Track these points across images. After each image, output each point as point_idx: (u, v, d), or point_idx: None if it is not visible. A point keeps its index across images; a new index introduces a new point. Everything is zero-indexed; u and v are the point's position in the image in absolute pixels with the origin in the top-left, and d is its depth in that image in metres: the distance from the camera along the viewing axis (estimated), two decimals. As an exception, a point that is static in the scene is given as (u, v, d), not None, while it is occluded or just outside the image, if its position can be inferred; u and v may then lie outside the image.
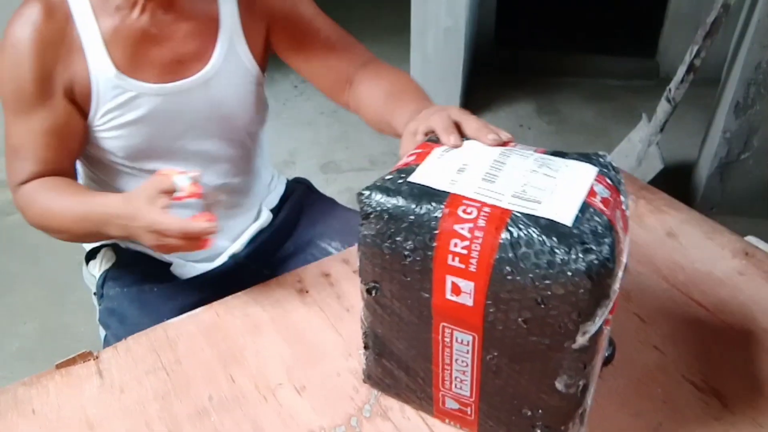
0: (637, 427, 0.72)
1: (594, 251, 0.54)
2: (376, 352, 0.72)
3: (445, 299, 0.61)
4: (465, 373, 0.65)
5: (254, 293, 0.91)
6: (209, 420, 0.74)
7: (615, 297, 0.59)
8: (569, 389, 0.61)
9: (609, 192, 0.60)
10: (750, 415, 0.73)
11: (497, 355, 0.62)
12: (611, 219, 0.57)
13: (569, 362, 0.59)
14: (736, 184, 2.27)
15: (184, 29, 0.93)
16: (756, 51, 2.01)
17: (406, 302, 0.65)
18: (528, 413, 0.64)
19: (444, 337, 0.64)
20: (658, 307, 0.87)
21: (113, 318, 1.00)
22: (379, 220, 0.61)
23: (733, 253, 0.96)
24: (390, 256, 0.62)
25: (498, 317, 0.59)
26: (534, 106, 3.03)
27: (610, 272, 0.54)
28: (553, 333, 0.58)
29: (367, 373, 0.76)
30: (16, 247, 2.21)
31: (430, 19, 2.61)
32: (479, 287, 0.58)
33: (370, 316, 0.70)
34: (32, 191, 0.92)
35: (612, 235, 0.55)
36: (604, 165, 0.63)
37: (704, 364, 0.79)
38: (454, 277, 0.59)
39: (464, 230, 0.57)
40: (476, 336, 0.62)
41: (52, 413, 0.75)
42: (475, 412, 0.68)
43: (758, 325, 0.84)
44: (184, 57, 0.94)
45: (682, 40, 2.75)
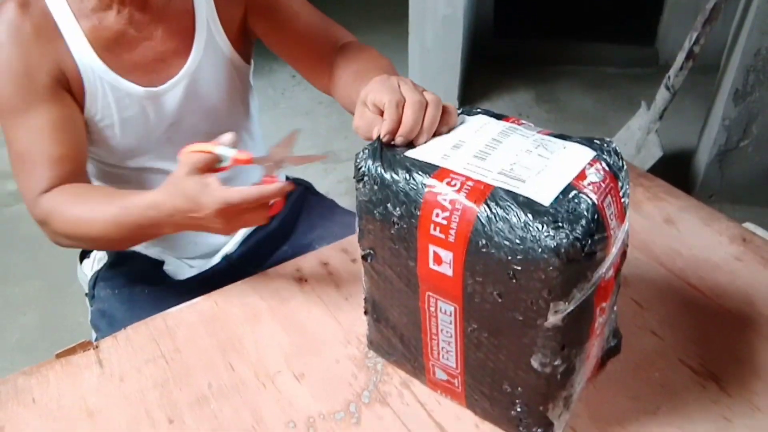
0: (635, 411, 0.72)
1: (564, 229, 0.54)
2: (374, 318, 0.75)
3: (429, 268, 0.62)
4: (450, 344, 0.67)
5: (253, 283, 0.91)
6: (209, 407, 0.74)
7: (600, 282, 0.59)
8: (545, 368, 0.61)
9: (602, 177, 0.60)
10: (747, 398, 0.73)
11: (477, 327, 0.63)
12: (598, 204, 0.57)
13: (543, 340, 0.60)
14: (735, 172, 2.27)
15: (162, 28, 0.92)
16: (755, 38, 2.00)
17: (397, 270, 0.66)
18: (508, 389, 0.66)
19: (429, 306, 0.66)
20: (656, 293, 0.87)
21: (103, 320, 1.00)
22: (373, 184, 0.63)
23: (731, 239, 0.96)
24: (381, 223, 0.64)
25: (476, 289, 0.60)
26: (533, 95, 3.02)
27: (581, 253, 0.55)
28: (525, 309, 0.59)
29: (369, 338, 0.78)
30: (16, 238, 2.21)
31: (429, 7, 2.60)
32: (457, 258, 0.59)
33: (368, 282, 0.72)
34: (55, 201, 0.85)
35: (591, 218, 0.55)
36: (606, 151, 0.63)
37: (702, 348, 0.79)
38: (436, 246, 0.60)
39: (446, 201, 0.59)
40: (457, 307, 0.63)
41: (52, 402, 0.75)
42: (461, 384, 0.70)
43: (755, 310, 0.84)
44: (165, 55, 0.94)
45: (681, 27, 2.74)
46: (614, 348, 0.77)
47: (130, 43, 0.91)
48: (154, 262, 1.07)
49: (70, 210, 0.84)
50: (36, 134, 0.86)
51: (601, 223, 0.56)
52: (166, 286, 1.04)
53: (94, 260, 1.08)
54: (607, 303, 0.64)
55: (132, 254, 1.06)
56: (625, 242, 0.64)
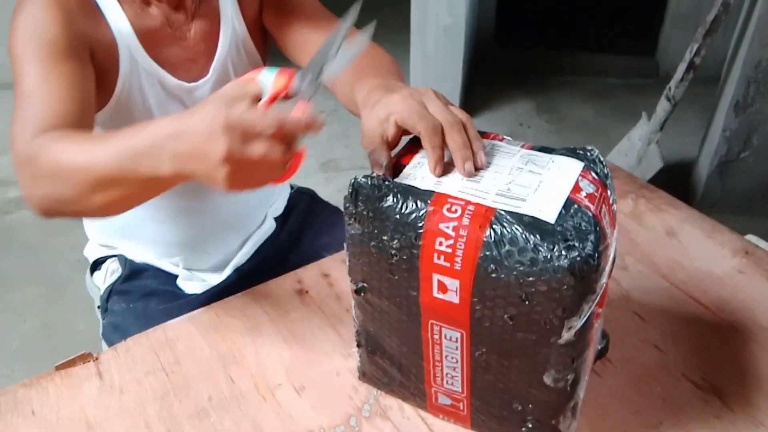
0: (637, 425, 0.72)
1: (576, 248, 0.54)
2: (368, 350, 0.73)
3: (433, 297, 0.61)
4: (455, 369, 0.66)
5: (254, 294, 0.91)
6: (209, 420, 0.73)
7: (602, 291, 0.59)
8: (558, 383, 0.61)
9: (595, 187, 0.60)
10: (750, 413, 0.73)
11: (485, 351, 0.62)
12: (596, 215, 0.57)
13: (556, 357, 0.59)
14: (736, 183, 2.27)
15: (194, 29, 0.93)
16: (756, 49, 2.01)
17: (395, 300, 0.65)
18: (518, 408, 0.65)
19: (433, 334, 0.64)
20: (658, 306, 0.87)
21: (117, 334, 0.99)
22: (365, 219, 0.61)
23: (733, 251, 0.96)
24: (377, 255, 0.63)
25: (485, 314, 0.59)
26: (534, 105, 3.02)
27: (593, 268, 0.55)
28: (539, 329, 0.58)
29: (362, 370, 0.76)
30: (16, 245, 2.21)
31: (430, 17, 2.61)
32: (464, 285, 0.58)
33: (361, 314, 0.70)
34: (47, 138, 0.71)
35: (596, 231, 0.56)
36: (591, 160, 0.63)
37: (704, 362, 0.79)
38: (440, 275, 0.59)
39: (449, 229, 0.57)
40: (464, 333, 0.62)
41: (52, 414, 0.75)
42: (467, 408, 0.69)
43: (758, 323, 0.84)
44: (197, 55, 0.94)
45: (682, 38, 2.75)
46: (603, 350, 0.77)
47: (166, 41, 0.91)
48: (167, 276, 1.07)
49: (61, 147, 0.69)
50: (51, 82, 0.77)
51: (601, 234, 0.56)
52: (180, 302, 1.03)
53: (106, 273, 1.08)
54: (602, 309, 0.65)
55: (146, 267, 1.06)
56: (616, 248, 0.64)
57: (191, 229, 1.05)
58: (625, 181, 1.12)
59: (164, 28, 0.90)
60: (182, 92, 0.94)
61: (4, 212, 2.35)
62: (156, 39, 0.90)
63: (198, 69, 0.95)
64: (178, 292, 1.06)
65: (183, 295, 1.05)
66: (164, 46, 0.91)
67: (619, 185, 1.11)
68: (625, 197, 1.08)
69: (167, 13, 0.90)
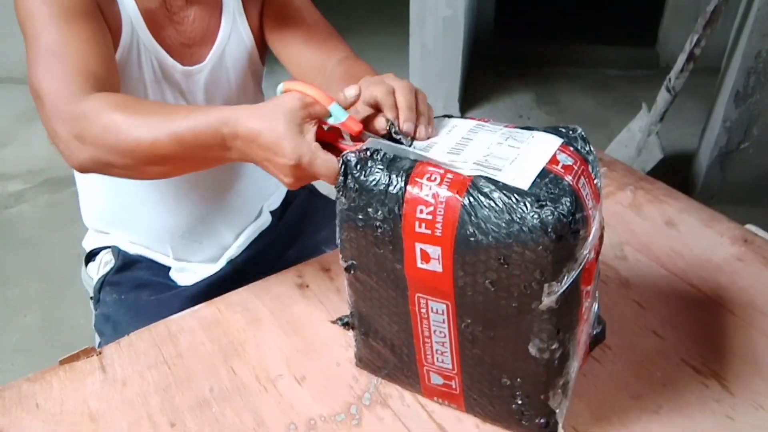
0: (637, 410, 0.72)
1: (549, 206, 0.56)
2: (362, 332, 0.74)
3: (417, 268, 0.62)
4: (444, 345, 0.67)
5: (255, 289, 0.91)
6: (210, 411, 0.74)
7: (585, 262, 0.60)
8: (543, 354, 0.62)
9: (573, 160, 0.61)
10: (750, 396, 0.73)
11: (471, 322, 0.63)
12: (572, 184, 0.58)
13: (539, 324, 0.60)
14: (736, 174, 2.27)
15: (193, 13, 0.94)
16: (756, 40, 2.01)
17: (382, 275, 0.66)
18: (507, 382, 0.66)
19: (420, 308, 0.65)
20: (657, 294, 0.88)
21: (108, 325, 1.00)
22: (352, 193, 0.63)
23: (732, 240, 0.96)
24: (363, 230, 0.64)
25: (467, 281, 0.60)
26: (533, 97, 3.02)
27: (568, 228, 0.56)
28: (519, 294, 0.59)
29: (358, 356, 0.77)
30: (16, 240, 2.22)
31: (429, 9, 2.61)
32: (446, 251, 0.60)
33: (353, 294, 0.72)
34: (97, 101, 0.71)
35: (570, 196, 0.57)
36: (572, 137, 0.64)
37: (703, 347, 0.79)
38: (422, 243, 0.61)
39: (428, 196, 0.59)
40: (449, 303, 0.63)
41: (56, 407, 0.76)
42: (459, 385, 0.70)
43: (757, 309, 0.85)
44: (193, 41, 0.94)
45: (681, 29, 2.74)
46: (600, 335, 0.78)
47: (163, 22, 0.91)
48: (160, 267, 1.07)
49: (120, 114, 0.69)
50: (75, 41, 0.75)
51: (579, 202, 0.58)
52: (172, 293, 1.04)
53: (100, 264, 1.08)
54: (591, 286, 0.65)
55: (139, 259, 1.06)
56: (602, 225, 0.65)
57: (181, 215, 1.04)
58: (624, 173, 1.12)
59: (162, 9, 0.90)
60: (177, 74, 0.94)
61: (4, 207, 2.36)
62: (155, 18, 0.90)
63: (193, 55, 0.95)
64: (170, 283, 1.06)
65: (175, 286, 1.05)
66: (162, 26, 0.91)
67: (618, 177, 1.11)
68: (624, 189, 1.08)
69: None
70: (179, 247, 1.07)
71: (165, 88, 0.94)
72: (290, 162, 0.63)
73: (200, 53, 0.95)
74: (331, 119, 0.66)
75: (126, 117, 0.69)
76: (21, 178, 2.56)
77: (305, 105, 0.64)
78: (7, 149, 2.77)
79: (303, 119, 0.64)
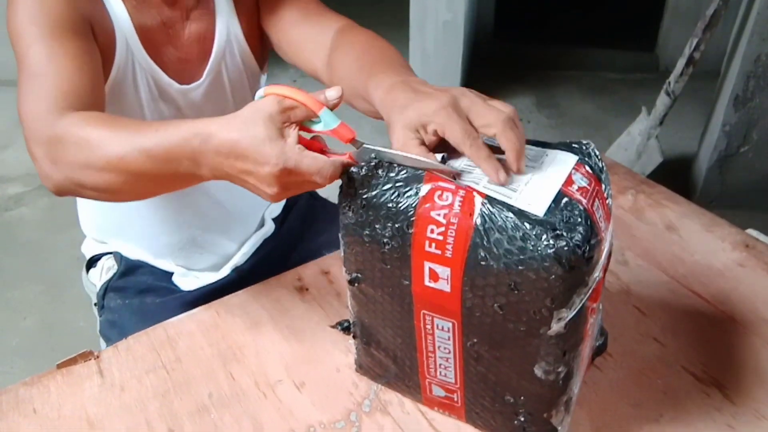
0: (637, 418, 0.72)
1: (564, 237, 0.54)
2: (364, 341, 0.73)
3: (424, 286, 0.61)
4: (448, 360, 0.66)
5: (254, 292, 0.91)
6: (209, 417, 0.74)
7: (595, 285, 0.59)
8: (548, 376, 0.61)
9: (588, 181, 0.60)
10: (751, 405, 0.73)
11: (477, 341, 0.63)
12: (587, 208, 0.57)
13: (546, 349, 0.59)
14: (735, 178, 2.27)
15: (189, 30, 0.92)
16: (756, 44, 2.01)
17: (388, 290, 0.65)
18: (511, 400, 0.65)
19: (425, 324, 0.65)
20: (658, 300, 0.87)
21: (114, 330, 0.99)
22: (358, 208, 0.62)
23: (733, 245, 0.96)
24: (370, 245, 0.63)
25: (475, 303, 0.60)
26: (533, 100, 3.02)
27: (582, 259, 0.55)
28: (528, 319, 0.58)
29: (358, 362, 0.77)
30: (16, 243, 2.21)
31: (430, 13, 2.61)
32: (455, 273, 0.59)
33: (356, 305, 0.71)
34: (72, 120, 0.69)
35: (586, 223, 0.56)
36: (586, 153, 0.63)
37: (705, 355, 0.79)
38: (431, 263, 0.59)
39: (440, 216, 0.58)
40: (456, 323, 0.62)
41: (53, 412, 0.75)
42: (461, 399, 0.69)
43: (759, 316, 0.84)
44: (190, 56, 0.93)
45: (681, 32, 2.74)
46: (601, 346, 0.77)
47: (160, 38, 0.90)
48: (163, 273, 1.06)
49: (91, 130, 0.67)
50: (59, 59, 0.74)
51: (593, 227, 0.56)
52: (177, 298, 1.03)
53: (102, 269, 1.08)
54: (597, 304, 0.65)
55: (141, 264, 1.06)
56: (611, 242, 0.64)
57: (179, 231, 1.04)
58: (625, 177, 1.12)
59: (159, 26, 0.89)
60: (174, 93, 0.93)
61: (4, 209, 2.35)
62: (151, 35, 0.89)
63: (190, 70, 0.94)
64: (174, 288, 1.06)
65: (179, 290, 1.05)
66: (159, 43, 0.90)
67: (619, 181, 1.11)
68: (624, 193, 1.08)
69: (163, 9, 0.89)
70: (180, 258, 1.07)
71: (162, 106, 0.93)
72: (275, 168, 0.58)
73: (197, 69, 0.94)
74: (320, 126, 0.61)
75: (98, 133, 0.67)
76: (21, 181, 2.56)
77: (284, 108, 0.59)
78: (6, 152, 2.76)
79: (283, 123, 0.59)
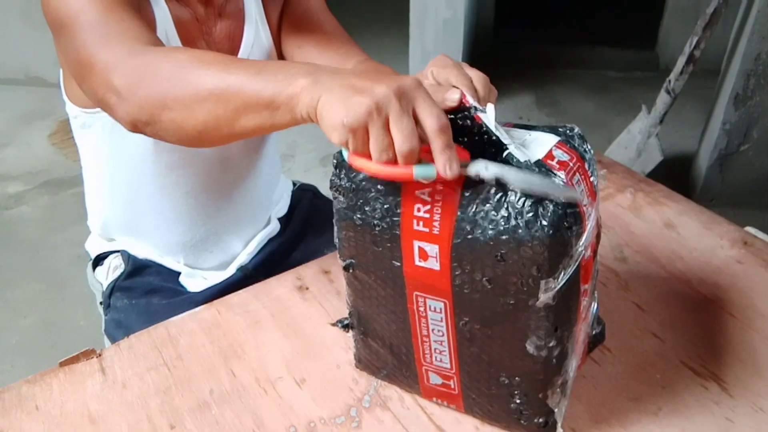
0: (636, 412, 0.72)
1: (547, 204, 0.55)
2: (361, 332, 0.74)
3: (415, 266, 0.62)
4: (442, 344, 0.67)
5: (255, 291, 0.91)
6: (210, 413, 0.74)
7: (581, 259, 0.60)
8: (540, 352, 0.62)
9: (569, 156, 0.61)
10: (749, 399, 0.73)
11: (469, 320, 0.63)
12: (567, 179, 0.58)
13: (536, 322, 0.60)
14: (735, 176, 2.27)
15: (220, 26, 0.94)
16: (756, 42, 2.01)
17: (381, 274, 0.66)
18: (506, 381, 0.66)
19: (418, 306, 0.66)
20: (657, 296, 0.88)
21: (120, 330, 1.00)
22: (348, 192, 0.63)
23: (732, 242, 0.96)
24: (361, 228, 0.64)
25: (464, 279, 0.61)
26: (533, 98, 3.03)
27: (562, 223, 0.56)
28: (516, 291, 0.59)
29: (357, 356, 0.77)
30: (16, 241, 2.22)
31: (430, 10, 2.61)
32: (443, 250, 0.60)
33: (352, 293, 0.72)
34: (161, 51, 0.67)
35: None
36: (570, 136, 0.64)
37: (703, 349, 0.79)
38: (420, 241, 0.61)
39: (425, 195, 0.59)
40: (447, 302, 0.63)
41: (56, 409, 0.76)
42: (458, 385, 0.70)
43: (757, 311, 0.85)
44: (220, 52, 0.94)
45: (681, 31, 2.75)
46: (599, 335, 0.77)
47: (194, 34, 0.91)
48: (170, 273, 1.07)
49: (180, 54, 0.65)
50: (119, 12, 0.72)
51: (573, 199, 0.57)
52: (183, 298, 1.04)
53: (109, 268, 1.08)
54: (589, 285, 0.65)
55: (149, 264, 1.06)
56: (599, 223, 0.65)
57: (192, 229, 1.05)
58: (624, 175, 1.13)
59: (193, 21, 0.91)
60: None
61: (4, 208, 2.36)
62: (187, 29, 0.91)
63: None
64: (181, 289, 1.06)
65: (186, 292, 1.06)
66: (193, 38, 0.92)
67: (618, 179, 1.11)
68: (623, 191, 1.08)
69: (196, 6, 0.91)
70: (190, 256, 1.07)
71: None
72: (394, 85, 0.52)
73: None
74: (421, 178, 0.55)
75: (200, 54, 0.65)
76: (21, 179, 2.56)
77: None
78: (6, 150, 2.77)
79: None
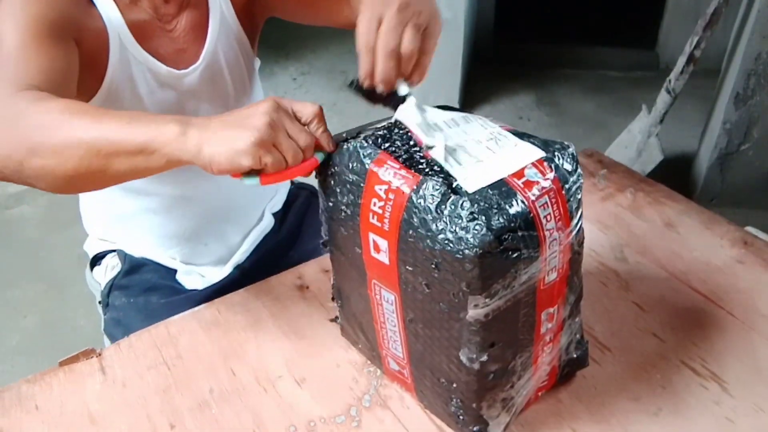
0: (637, 412, 0.72)
1: (479, 221, 0.54)
2: (340, 304, 0.77)
3: (371, 256, 0.64)
4: (396, 333, 0.68)
5: (255, 290, 0.91)
6: (210, 412, 0.74)
7: (536, 284, 0.58)
8: (473, 364, 0.61)
9: (542, 177, 0.58)
10: (750, 398, 0.73)
11: (414, 318, 0.64)
12: (528, 202, 0.56)
13: (468, 335, 0.59)
14: (736, 175, 2.27)
15: (183, 20, 0.93)
16: (756, 42, 2.01)
17: (349, 256, 0.68)
18: (444, 383, 0.66)
19: (375, 294, 0.67)
20: (657, 296, 0.88)
21: (119, 329, 0.99)
22: (327, 178, 0.65)
23: (732, 242, 0.96)
24: (333, 210, 0.66)
25: (408, 278, 0.61)
26: (534, 98, 3.02)
27: (497, 246, 0.54)
28: (449, 301, 0.59)
29: (341, 324, 0.80)
30: (16, 241, 2.22)
31: (429, 12, 2.61)
32: (392, 246, 0.61)
33: (333, 269, 0.75)
34: (36, 95, 0.66)
35: (514, 214, 0.55)
36: (560, 155, 0.61)
37: (703, 349, 0.79)
38: (374, 234, 0.62)
39: (381, 190, 0.60)
40: (396, 295, 0.64)
41: (56, 409, 0.76)
42: (410, 375, 0.71)
43: (757, 311, 0.85)
44: (186, 45, 0.94)
45: (682, 31, 2.74)
46: (578, 360, 0.74)
47: (155, 32, 0.90)
48: (167, 271, 1.07)
49: (53, 103, 0.65)
50: (31, 52, 0.73)
51: (530, 221, 0.56)
52: (182, 297, 1.03)
53: (106, 268, 1.08)
54: (554, 308, 0.63)
55: (145, 262, 1.06)
56: (577, 251, 0.63)
57: (186, 220, 1.04)
58: (624, 175, 1.13)
59: (153, 21, 0.90)
60: (173, 79, 0.93)
61: (5, 208, 2.35)
62: (145, 30, 0.89)
63: (188, 57, 0.94)
64: (179, 287, 1.06)
65: (184, 290, 1.06)
66: (153, 36, 0.90)
67: (618, 179, 1.11)
68: (623, 191, 1.08)
69: (157, 5, 0.89)
70: (186, 251, 1.07)
71: (162, 96, 0.93)
72: (266, 105, 0.60)
73: (194, 54, 0.94)
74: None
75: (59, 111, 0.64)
76: (21, 179, 2.55)
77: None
78: None
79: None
